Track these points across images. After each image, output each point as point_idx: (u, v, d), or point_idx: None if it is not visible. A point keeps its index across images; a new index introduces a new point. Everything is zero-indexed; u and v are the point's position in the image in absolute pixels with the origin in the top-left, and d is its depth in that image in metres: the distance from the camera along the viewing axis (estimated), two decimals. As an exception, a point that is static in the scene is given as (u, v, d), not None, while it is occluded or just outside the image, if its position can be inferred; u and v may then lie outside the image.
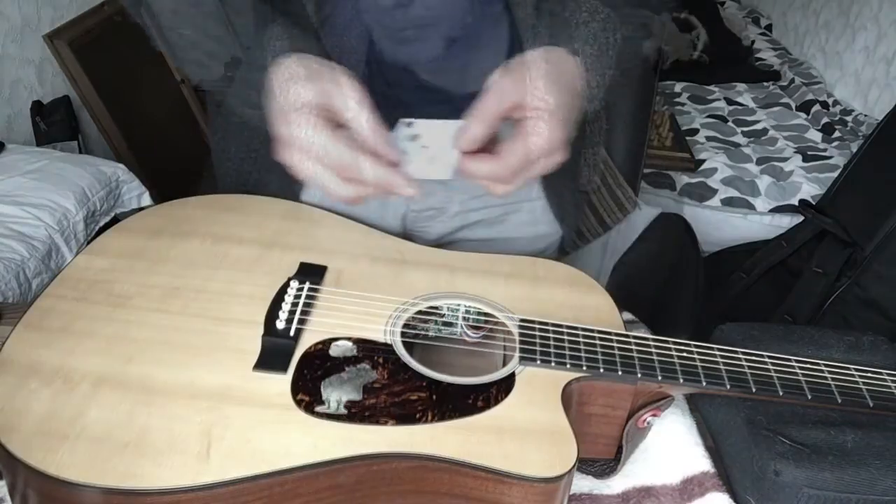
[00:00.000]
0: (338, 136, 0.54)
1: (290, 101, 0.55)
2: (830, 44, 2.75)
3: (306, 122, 0.54)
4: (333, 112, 0.55)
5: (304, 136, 0.54)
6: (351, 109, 0.54)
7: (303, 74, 0.56)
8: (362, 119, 0.54)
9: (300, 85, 0.55)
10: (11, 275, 1.53)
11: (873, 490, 0.55)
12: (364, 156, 0.54)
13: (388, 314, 0.59)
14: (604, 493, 0.58)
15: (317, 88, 0.55)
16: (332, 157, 0.54)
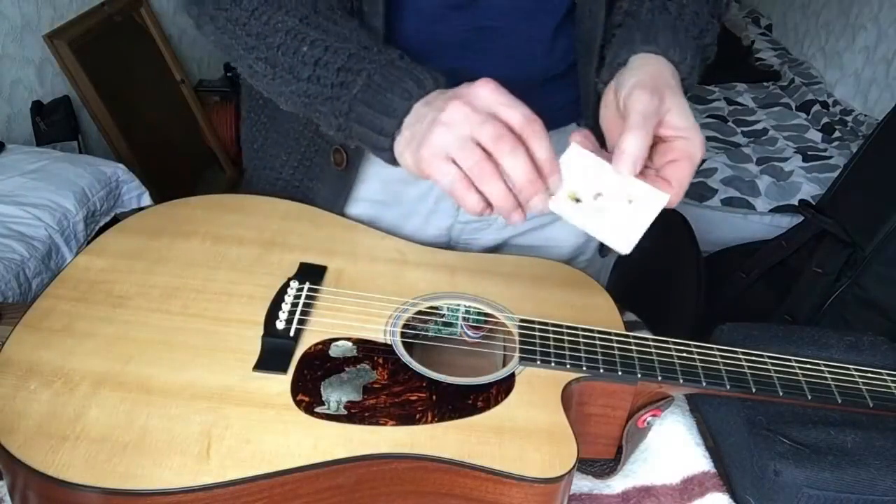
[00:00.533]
0: (506, 144, 0.50)
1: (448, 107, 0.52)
2: (830, 44, 2.75)
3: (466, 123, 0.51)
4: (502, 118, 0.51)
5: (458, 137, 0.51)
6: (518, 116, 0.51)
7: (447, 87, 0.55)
8: (535, 127, 0.51)
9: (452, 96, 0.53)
10: (11, 275, 1.53)
11: (873, 490, 0.55)
12: (528, 170, 0.50)
13: (388, 314, 0.59)
14: (604, 493, 0.58)
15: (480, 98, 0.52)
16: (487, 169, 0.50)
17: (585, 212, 0.53)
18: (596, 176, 0.54)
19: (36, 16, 2.17)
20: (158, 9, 2.59)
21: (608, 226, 0.53)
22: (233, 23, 0.60)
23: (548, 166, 0.51)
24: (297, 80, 0.58)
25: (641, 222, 0.53)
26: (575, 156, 0.54)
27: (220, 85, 2.81)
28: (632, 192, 0.53)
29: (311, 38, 0.57)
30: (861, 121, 2.41)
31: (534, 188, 0.51)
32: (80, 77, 2.19)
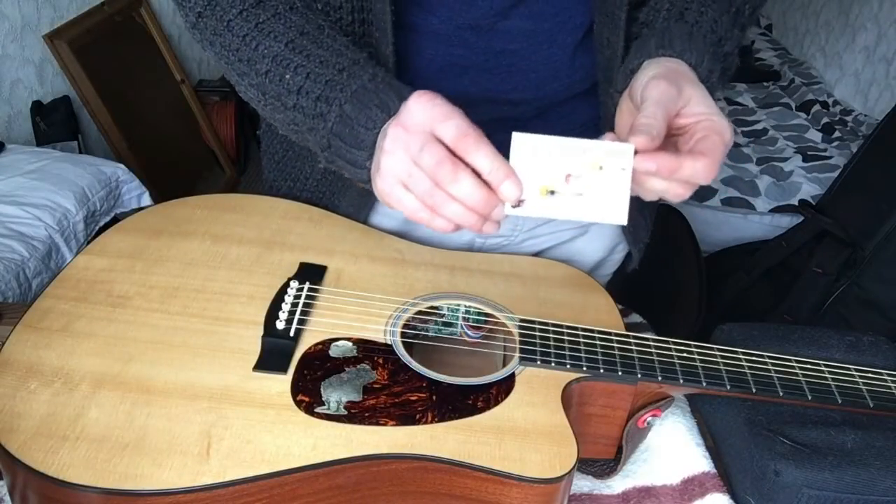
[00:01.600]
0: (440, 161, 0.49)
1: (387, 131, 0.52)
2: (830, 44, 2.75)
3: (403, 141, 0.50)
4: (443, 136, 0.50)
5: (398, 159, 0.50)
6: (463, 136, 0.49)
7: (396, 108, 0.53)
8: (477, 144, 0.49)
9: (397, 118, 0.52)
10: (11, 275, 1.53)
11: (873, 490, 0.55)
12: (466, 178, 0.49)
13: (388, 314, 0.59)
14: (604, 493, 0.58)
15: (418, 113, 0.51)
16: (420, 182, 0.50)
17: (564, 200, 0.51)
18: (556, 157, 0.51)
19: (36, 16, 2.17)
20: (158, 9, 2.60)
21: (593, 204, 0.51)
22: (226, 49, 0.59)
23: (494, 177, 0.49)
24: (284, 109, 0.58)
25: (622, 184, 0.50)
26: (522, 145, 0.50)
27: (219, 85, 2.81)
28: (599, 158, 0.50)
29: (294, 64, 0.56)
30: (861, 121, 2.41)
31: (489, 205, 0.49)
32: (80, 77, 2.19)
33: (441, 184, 0.49)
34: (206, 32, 0.60)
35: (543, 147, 0.51)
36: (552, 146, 0.50)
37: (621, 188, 0.50)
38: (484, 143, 0.49)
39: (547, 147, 0.51)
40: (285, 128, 0.60)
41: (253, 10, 0.58)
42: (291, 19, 0.58)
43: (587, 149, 0.50)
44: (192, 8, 0.60)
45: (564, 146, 0.50)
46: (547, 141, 0.50)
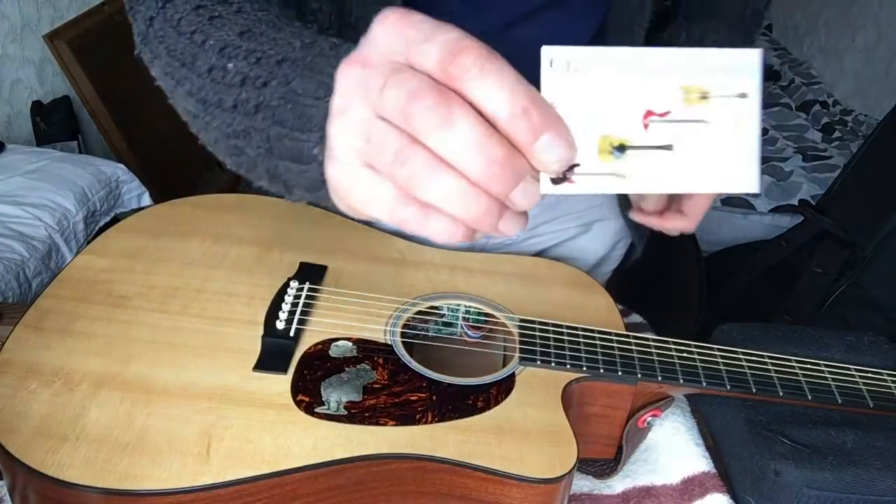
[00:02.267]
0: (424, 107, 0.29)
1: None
2: (830, 44, 2.75)
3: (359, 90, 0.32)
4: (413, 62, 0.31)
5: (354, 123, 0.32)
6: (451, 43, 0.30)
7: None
8: (492, 64, 0.29)
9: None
10: (11, 275, 1.53)
11: (873, 490, 0.55)
12: (493, 142, 0.29)
13: (388, 314, 0.59)
14: (604, 493, 0.58)
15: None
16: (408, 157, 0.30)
17: (646, 162, 0.31)
18: (623, 83, 0.31)
19: (36, 16, 2.17)
20: (158, 9, 2.59)
21: (696, 162, 0.32)
22: (170, 54, 0.48)
23: (522, 124, 0.29)
24: (221, 113, 0.43)
25: (746, 122, 0.32)
26: (560, 66, 0.31)
27: (220, 85, 2.80)
28: (701, 77, 0.31)
29: (243, 51, 0.43)
30: (861, 121, 2.41)
31: (511, 172, 0.29)
32: (80, 77, 2.19)
33: (421, 134, 0.29)
34: (152, 43, 0.50)
35: (599, 66, 0.31)
36: (615, 63, 0.31)
37: (745, 129, 0.32)
38: (496, 61, 0.29)
39: (605, 66, 0.31)
40: (223, 148, 0.46)
41: (211, 6, 0.48)
42: (255, 15, 0.46)
43: (678, 64, 0.31)
44: (145, 14, 0.50)
45: (636, 62, 0.31)
46: (604, 55, 0.31)
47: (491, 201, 0.30)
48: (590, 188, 0.31)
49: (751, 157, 0.32)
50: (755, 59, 0.32)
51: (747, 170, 0.32)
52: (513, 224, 0.32)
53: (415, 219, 0.32)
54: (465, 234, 0.32)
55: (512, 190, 0.30)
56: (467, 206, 0.30)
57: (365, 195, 0.33)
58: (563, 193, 0.31)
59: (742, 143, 0.32)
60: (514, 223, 0.32)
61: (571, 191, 0.31)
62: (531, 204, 0.31)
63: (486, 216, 0.31)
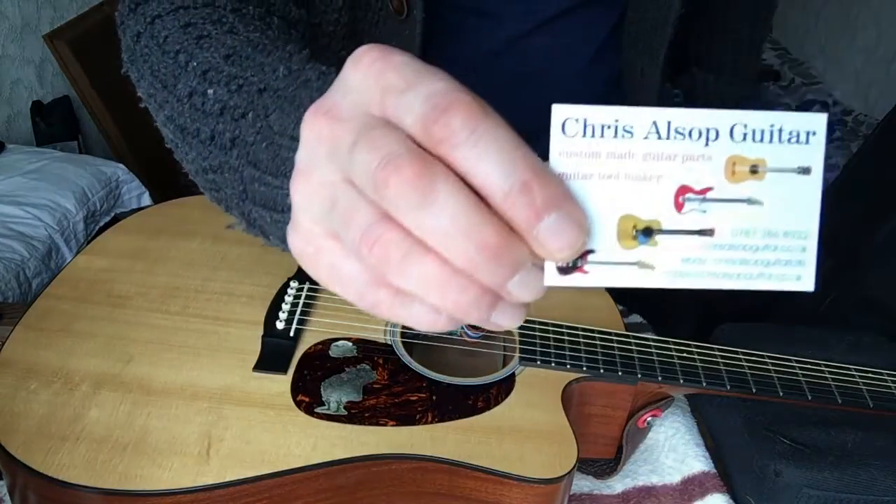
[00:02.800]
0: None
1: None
2: (830, 44, 2.75)
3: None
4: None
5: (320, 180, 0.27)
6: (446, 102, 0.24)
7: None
8: (490, 123, 0.24)
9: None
10: (11, 275, 1.53)
11: (873, 490, 0.55)
12: (489, 224, 0.24)
13: (387, 314, 0.59)
14: (604, 493, 0.58)
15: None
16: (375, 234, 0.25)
17: (676, 254, 0.26)
18: (652, 153, 0.25)
19: (36, 16, 2.17)
20: (158, 9, 2.59)
21: (739, 256, 0.26)
22: (153, 73, 0.43)
23: (523, 201, 0.23)
24: (199, 145, 0.39)
25: (805, 205, 0.26)
26: (574, 132, 0.25)
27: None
28: (747, 147, 0.26)
29: (225, 77, 0.38)
30: (861, 121, 2.41)
31: (507, 256, 0.24)
32: (80, 77, 2.19)
33: (395, 210, 0.24)
34: (138, 62, 0.45)
35: (623, 130, 0.25)
36: (643, 126, 0.25)
37: (803, 212, 0.26)
38: (490, 121, 0.24)
39: (631, 129, 0.25)
40: (200, 182, 0.42)
41: (201, 25, 0.43)
42: (246, 36, 0.42)
43: (724, 128, 0.25)
44: (133, 29, 0.46)
45: (671, 126, 0.25)
46: (630, 116, 0.25)
47: (481, 291, 0.25)
48: (607, 280, 0.26)
49: (808, 247, 0.26)
50: (820, 124, 0.26)
51: (802, 264, 0.26)
52: (509, 317, 0.26)
53: (388, 304, 0.26)
54: (450, 323, 0.27)
55: (508, 280, 0.24)
56: (451, 296, 0.25)
57: (331, 272, 0.27)
58: (574, 286, 0.26)
59: (799, 230, 0.26)
60: (511, 316, 0.26)
61: (584, 283, 0.26)
62: (534, 296, 0.25)
63: (475, 308, 0.25)
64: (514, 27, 0.63)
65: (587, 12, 0.65)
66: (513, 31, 0.63)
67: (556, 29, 0.64)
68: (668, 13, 0.61)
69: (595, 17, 0.65)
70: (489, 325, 0.26)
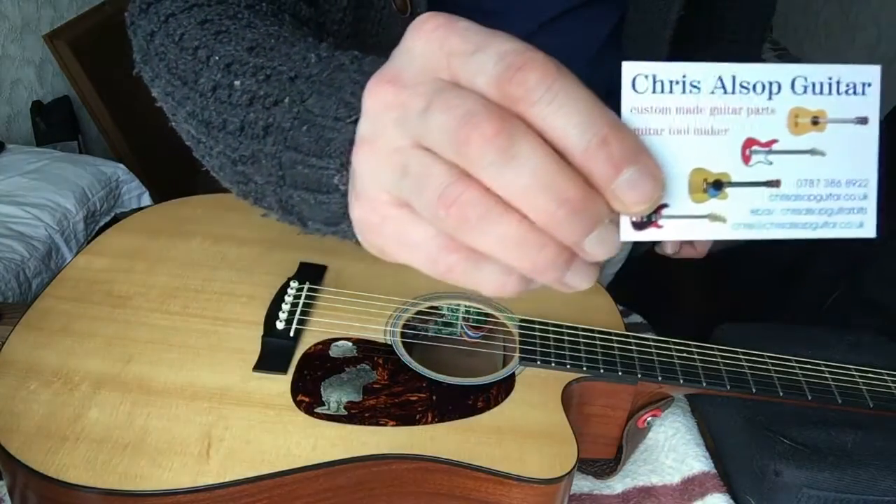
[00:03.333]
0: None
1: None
2: (830, 44, 2.75)
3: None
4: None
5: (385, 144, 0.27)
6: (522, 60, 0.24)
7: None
8: (563, 81, 0.24)
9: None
10: (11, 275, 1.53)
11: (873, 490, 0.55)
12: (565, 177, 0.24)
13: (388, 314, 0.59)
14: (604, 493, 0.58)
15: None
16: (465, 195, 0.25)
17: (746, 204, 0.26)
18: (722, 108, 0.26)
19: (36, 16, 2.17)
20: (158, 9, 2.59)
21: (807, 203, 0.27)
22: (170, 71, 0.44)
23: (601, 157, 0.24)
24: (226, 137, 0.39)
25: (864, 153, 0.27)
26: (645, 87, 0.26)
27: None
28: (811, 99, 0.26)
29: (251, 67, 0.38)
30: (861, 121, 2.41)
31: (587, 213, 0.24)
32: (80, 77, 2.19)
33: (475, 168, 0.24)
34: (153, 61, 0.46)
35: (692, 86, 0.26)
36: (710, 82, 0.26)
37: (863, 161, 0.27)
38: (566, 79, 0.24)
39: (700, 85, 0.26)
40: (228, 175, 0.41)
41: (218, 21, 0.44)
42: (266, 30, 0.42)
43: (785, 82, 0.26)
44: (145, 29, 0.47)
45: (735, 81, 0.26)
46: (699, 71, 0.26)
47: (558, 250, 0.25)
48: (681, 233, 0.26)
49: (869, 195, 0.27)
50: (875, 75, 0.27)
51: (864, 211, 0.27)
52: (583, 277, 0.26)
53: (461, 268, 0.27)
54: (520, 285, 0.27)
55: (586, 237, 0.24)
56: (529, 255, 0.25)
57: (399, 240, 0.28)
58: (649, 240, 0.27)
59: (860, 178, 0.27)
60: (584, 275, 0.26)
61: (659, 237, 0.26)
62: (609, 253, 0.25)
63: (552, 267, 0.25)
64: (518, 26, 0.63)
65: (589, 11, 0.65)
66: (516, 31, 0.63)
67: (559, 28, 0.64)
68: (667, 14, 0.61)
69: (597, 16, 0.65)
70: (562, 286, 0.26)
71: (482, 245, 0.25)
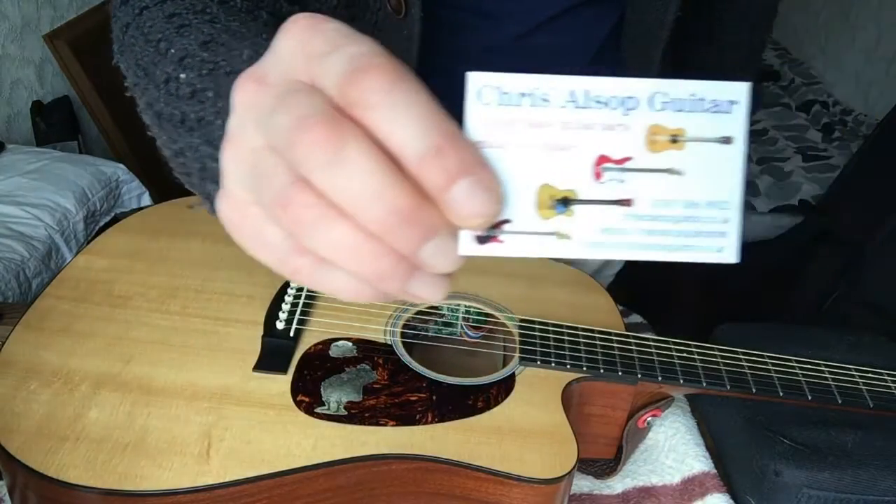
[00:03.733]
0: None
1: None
2: (830, 44, 2.75)
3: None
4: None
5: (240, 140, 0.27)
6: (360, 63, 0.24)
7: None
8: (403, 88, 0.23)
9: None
10: (11, 275, 1.53)
11: (873, 490, 0.55)
12: (398, 185, 0.23)
13: (387, 314, 0.59)
14: (604, 493, 0.58)
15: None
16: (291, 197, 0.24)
17: (594, 223, 0.25)
18: (572, 122, 0.25)
19: (36, 16, 2.17)
20: (158, 9, 2.59)
21: (660, 226, 0.26)
22: (137, 62, 0.44)
23: (434, 165, 0.23)
24: (172, 129, 0.39)
25: (727, 175, 0.26)
26: (490, 99, 0.25)
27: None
28: (670, 118, 0.25)
29: (198, 61, 0.38)
30: (861, 121, 2.41)
31: (410, 226, 0.24)
32: (80, 77, 2.19)
33: (305, 171, 0.24)
34: (126, 53, 0.46)
35: (541, 99, 0.25)
36: (561, 95, 0.25)
37: (725, 183, 0.26)
38: (406, 85, 0.23)
39: (549, 98, 0.25)
40: (175, 167, 0.41)
41: (184, 14, 0.43)
42: (226, 24, 0.41)
43: (643, 98, 0.25)
44: (122, 21, 0.47)
45: (588, 95, 0.25)
46: (548, 84, 0.25)
47: (397, 259, 0.24)
48: (524, 250, 0.25)
49: (731, 218, 0.26)
50: (742, 93, 0.25)
51: (725, 235, 0.26)
52: (429, 288, 0.25)
53: (308, 271, 0.27)
54: (375, 294, 0.26)
55: (421, 247, 0.24)
56: (366, 263, 0.24)
57: (256, 239, 0.28)
58: (491, 255, 0.25)
59: (721, 200, 0.26)
60: (430, 287, 0.25)
61: (500, 252, 0.25)
62: (449, 265, 0.24)
63: (391, 277, 0.25)
64: (515, 27, 0.63)
65: (588, 11, 0.65)
66: (513, 31, 0.63)
67: (557, 28, 0.64)
68: (664, 16, 0.61)
69: (596, 15, 0.65)
70: (408, 296, 0.26)
71: (320, 250, 0.25)
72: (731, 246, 0.27)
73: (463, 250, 0.25)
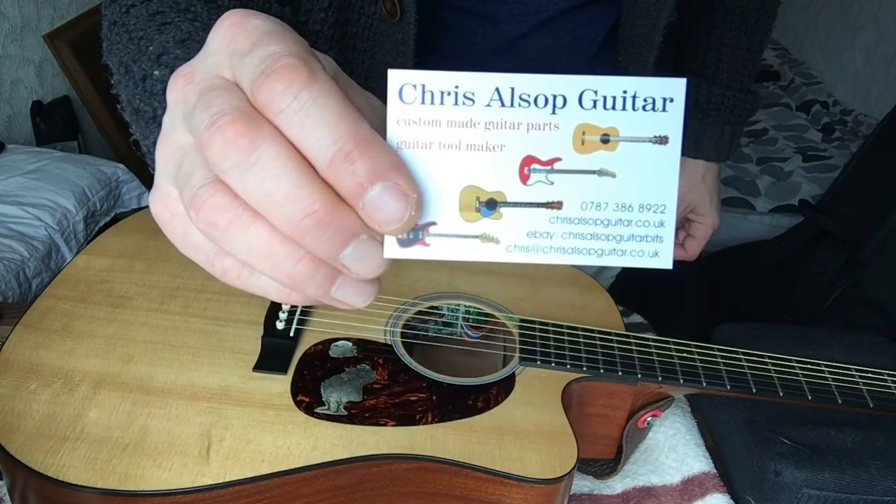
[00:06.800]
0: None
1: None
2: (830, 44, 2.75)
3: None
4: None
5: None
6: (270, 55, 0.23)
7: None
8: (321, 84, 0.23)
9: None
10: (11, 275, 1.53)
11: (873, 490, 0.55)
12: (309, 188, 0.23)
13: (387, 314, 0.59)
14: (604, 493, 0.58)
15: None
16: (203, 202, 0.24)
17: (520, 227, 0.25)
18: (496, 122, 0.24)
19: (36, 16, 2.17)
20: (158, 9, 2.59)
21: (589, 230, 0.25)
22: (120, 61, 0.43)
23: (347, 170, 0.23)
24: (145, 126, 0.39)
25: (661, 175, 0.25)
26: (412, 98, 0.24)
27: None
28: (599, 116, 0.24)
29: (173, 61, 0.37)
30: (861, 121, 2.41)
31: (325, 230, 0.23)
32: (80, 77, 2.19)
33: (221, 172, 0.23)
34: (113, 50, 0.45)
35: (464, 97, 0.24)
36: (485, 93, 0.24)
37: (659, 184, 0.25)
38: (317, 86, 0.23)
39: (473, 97, 0.24)
40: (150, 161, 0.39)
41: (167, 12, 0.42)
42: (206, 22, 0.41)
43: (572, 95, 0.24)
44: (110, 19, 0.46)
45: (514, 93, 0.24)
46: (472, 82, 0.24)
47: (315, 264, 0.24)
48: (449, 253, 0.25)
49: (666, 222, 0.25)
50: (679, 90, 0.24)
51: (659, 239, 0.25)
52: (353, 294, 0.25)
53: (235, 273, 0.26)
54: (303, 297, 0.25)
55: (340, 252, 0.23)
56: (282, 268, 0.24)
57: (183, 237, 0.27)
58: (416, 258, 0.25)
59: (655, 203, 0.25)
60: (355, 293, 0.25)
61: (425, 255, 0.25)
62: (372, 270, 0.24)
63: (311, 283, 0.24)
64: (512, 28, 0.63)
65: (587, 11, 0.65)
66: (511, 33, 0.63)
67: (558, 28, 0.64)
68: (657, 20, 0.61)
69: (595, 16, 0.65)
70: (332, 301, 0.25)
71: (236, 253, 0.24)
72: (667, 251, 0.26)
73: (388, 253, 0.24)
